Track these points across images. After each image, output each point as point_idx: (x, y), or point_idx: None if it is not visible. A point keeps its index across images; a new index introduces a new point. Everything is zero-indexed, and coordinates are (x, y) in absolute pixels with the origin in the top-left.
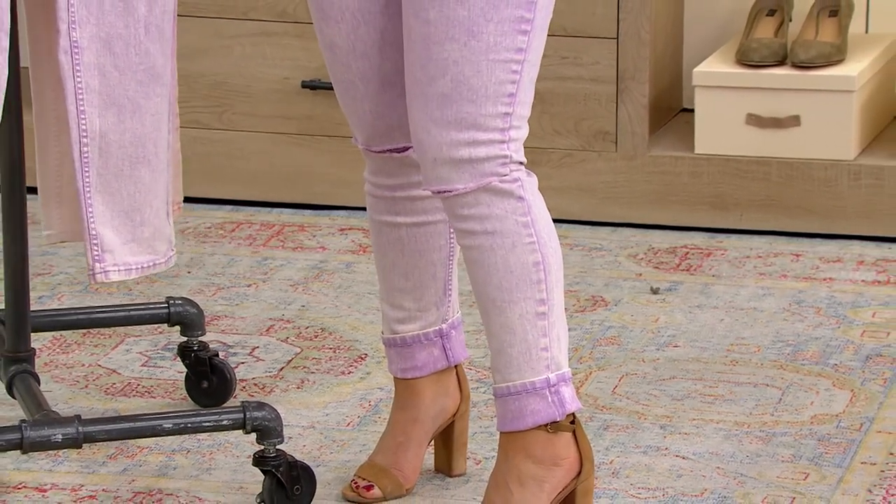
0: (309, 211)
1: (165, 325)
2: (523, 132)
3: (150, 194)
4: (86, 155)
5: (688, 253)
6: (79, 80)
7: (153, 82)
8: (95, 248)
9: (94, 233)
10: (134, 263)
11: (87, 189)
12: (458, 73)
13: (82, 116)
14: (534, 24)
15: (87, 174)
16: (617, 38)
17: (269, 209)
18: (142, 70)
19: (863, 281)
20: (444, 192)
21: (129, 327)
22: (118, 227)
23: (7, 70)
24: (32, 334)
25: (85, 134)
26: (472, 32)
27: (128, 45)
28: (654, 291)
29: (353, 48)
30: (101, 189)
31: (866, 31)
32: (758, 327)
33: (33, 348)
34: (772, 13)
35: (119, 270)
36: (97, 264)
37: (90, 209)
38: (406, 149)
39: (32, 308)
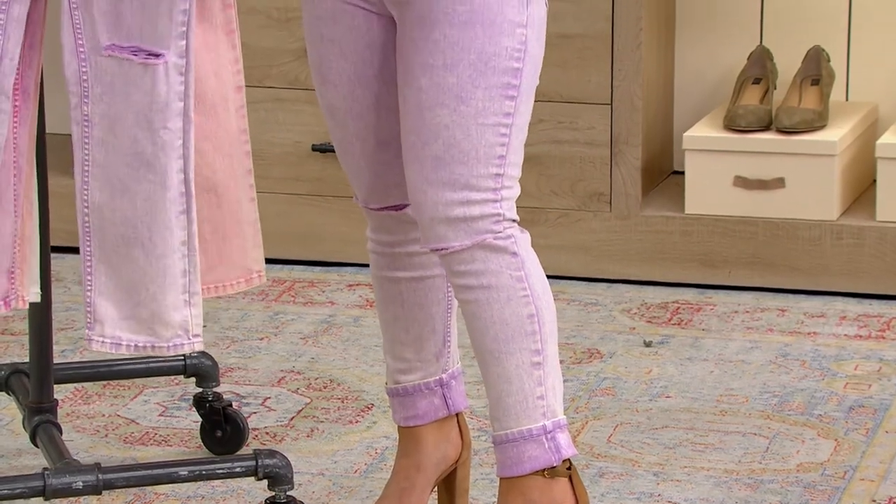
0: (319, 268)
1: (182, 376)
2: (515, 191)
3: (146, 277)
4: (87, 225)
5: (679, 308)
6: (86, 152)
7: (143, 168)
8: (88, 315)
9: (88, 300)
10: (126, 340)
11: (88, 257)
12: (449, 136)
13: (85, 187)
14: (520, 90)
15: (88, 242)
16: (611, 104)
17: (281, 266)
18: (130, 154)
19: (845, 335)
20: (441, 249)
21: (148, 379)
22: (119, 300)
23: (9, 131)
24: (55, 386)
25: (86, 204)
26: (461, 98)
27: (122, 128)
28: (647, 345)
29: (351, 110)
30: (104, 260)
31: (846, 99)
32: (746, 379)
33: (56, 399)
34: (757, 81)
35: (104, 342)
36: (86, 331)
37: (89, 277)
38: (403, 207)
39: (55, 361)
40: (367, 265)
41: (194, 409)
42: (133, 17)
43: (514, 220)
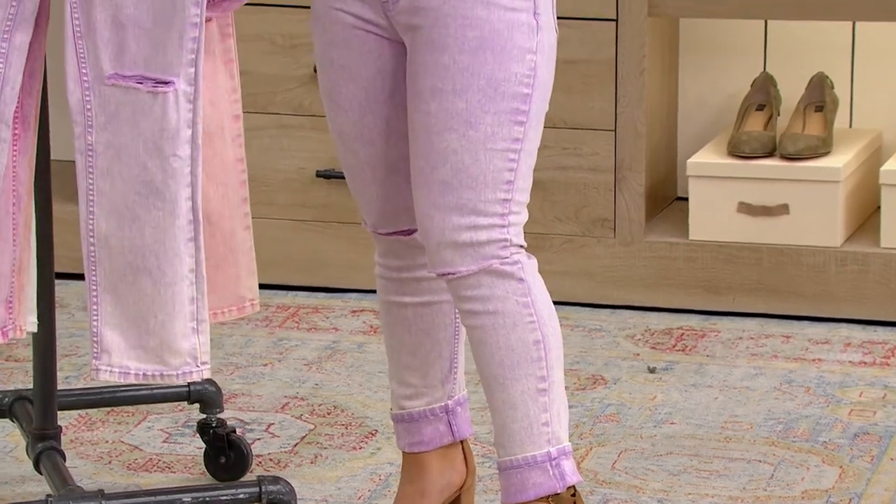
0: (323, 294)
1: (186, 402)
2: (522, 217)
3: (154, 306)
4: (92, 254)
5: (683, 334)
6: (90, 181)
7: (153, 196)
8: (95, 344)
9: (95, 330)
10: (134, 369)
11: (94, 287)
12: (457, 161)
13: (90, 217)
14: (529, 115)
15: (93, 272)
16: (615, 130)
17: (285, 292)
18: (140, 182)
19: (850, 362)
20: (448, 274)
21: (151, 405)
22: (126, 330)
23: (9, 160)
24: (59, 413)
25: (92, 234)
26: (470, 123)
27: (130, 156)
28: (652, 371)
29: (360, 135)
30: (110, 290)
31: (850, 126)
32: (750, 405)
33: (60, 426)
34: (761, 108)
35: (112, 372)
36: (94, 360)
37: (95, 307)
38: (412, 232)
39: (59, 388)
40: (371, 291)
41: (198, 435)
42: (138, 46)
43: (521, 246)
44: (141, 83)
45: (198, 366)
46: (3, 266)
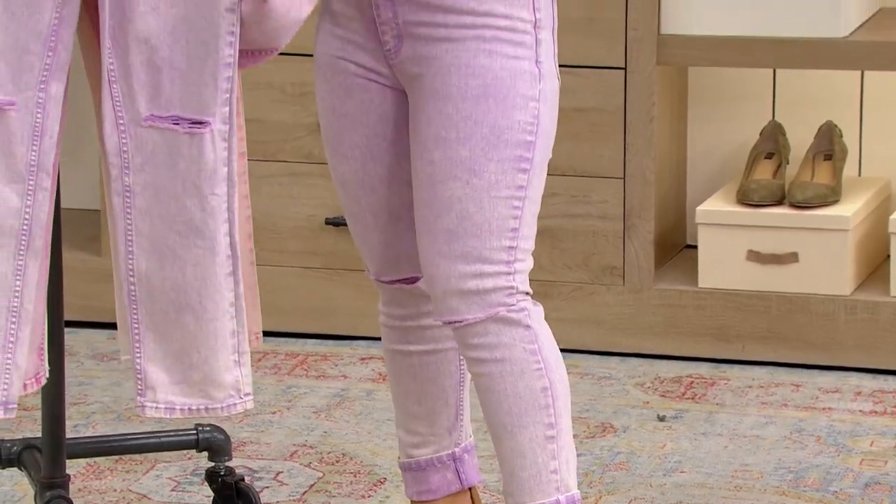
0: (332, 341)
1: (194, 450)
2: (528, 264)
3: (197, 341)
4: (133, 293)
5: (693, 382)
6: (129, 222)
7: (193, 234)
8: (140, 382)
9: (138, 367)
10: (179, 404)
11: (136, 326)
12: (462, 209)
13: (130, 257)
14: (533, 162)
15: (134, 311)
16: (623, 178)
17: (294, 339)
18: (180, 222)
19: (860, 411)
20: (455, 322)
21: (160, 453)
22: (170, 366)
23: (51, 210)
24: (67, 461)
25: (132, 274)
26: (473, 171)
27: (169, 196)
28: (661, 419)
29: (363, 183)
30: (152, 327)
31: (859, 175)
32: (760, 454)
33: (68, 474)
34: (770, 156)
35: (158, 408)
36: (139, 398)
37: (137, 345)
38: (415, 280)
39: (68, 436)
40: (380, 338)
41: (206, 483)
42: (173, 87)
43: (527, 293)
44: (177, 124)
45: (241, 397)
46: (39, 313)
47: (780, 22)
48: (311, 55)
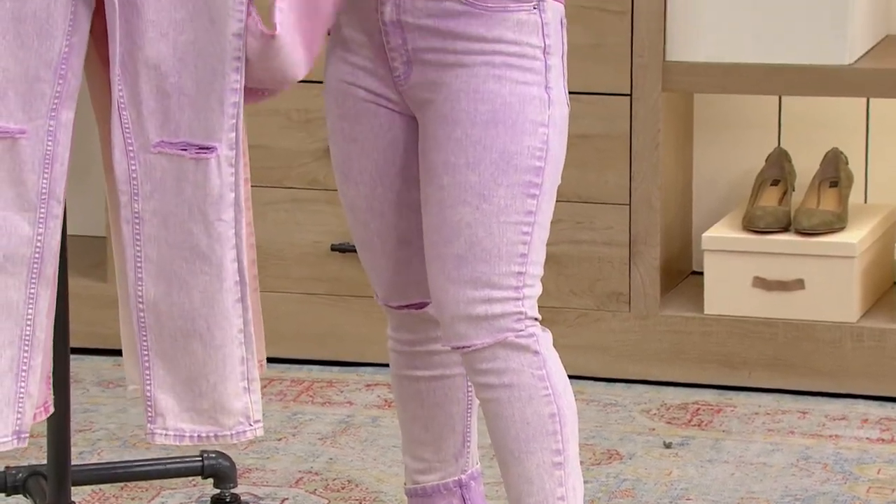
0: (337, 367)
1: (199, 477)
2: (537, 290)
3: (206, 368)
4: (142, 320)
5: (699, 409)
6: (138, 249)
7: (199, 260)
8: (150, 409)
9: (148, 394)
10: (189, 431)
11: (145, 353)
12: (471, 234)
13: (139, 283)
14: (542, 188)
15: (144, 338)
16: (629, 204)
17: (299, 366)
18: (186, 248)
19: (867, 439)
20: (463, 347)
21: (165, 480)
22: (180, 393)
23: (60, 236)
24: (73, 488)
25: (141, 300)
26: (483, 196)
27: (175, 222)
28: (667, 446)
29: (371, 208)
30: (161, 354)
31: (865, 201)
32: (767, 482)
33: (73, 502)
34: (776, 183)
35: (167, 435)
36: (149, 425)
37: (147, 372)
38: (423, 305)
39: (73, 463)
40: (385, 365)
41: None
42: (181, 113)
43: (536, 319)
44: (185, 150)
45: (251, 424)
46: (48, 342)
47: (785, 49)
48: (318, 82)
